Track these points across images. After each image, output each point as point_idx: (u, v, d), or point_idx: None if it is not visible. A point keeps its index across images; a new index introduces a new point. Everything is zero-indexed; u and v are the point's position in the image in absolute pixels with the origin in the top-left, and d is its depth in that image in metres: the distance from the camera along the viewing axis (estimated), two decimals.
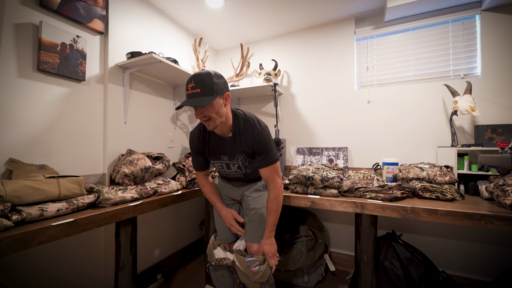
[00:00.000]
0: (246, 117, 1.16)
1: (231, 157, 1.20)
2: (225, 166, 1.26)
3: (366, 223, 1.32)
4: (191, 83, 1.01)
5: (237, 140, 1.15)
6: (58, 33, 1.31)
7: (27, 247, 0.85)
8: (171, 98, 2.10)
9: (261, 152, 1.14)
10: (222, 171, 1.30)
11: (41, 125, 1.28)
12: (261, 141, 1.12)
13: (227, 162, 1.23)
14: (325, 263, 1.87)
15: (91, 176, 1.49)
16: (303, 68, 2.31)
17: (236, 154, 1.19)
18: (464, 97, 1.60)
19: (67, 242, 1.38)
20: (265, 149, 1.13)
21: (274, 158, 1.16)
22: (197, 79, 1.00)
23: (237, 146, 1.16)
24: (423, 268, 1.45)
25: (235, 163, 1.22)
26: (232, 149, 1.18)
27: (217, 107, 1.04)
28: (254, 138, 1.12)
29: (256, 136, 1.12)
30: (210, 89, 1.00)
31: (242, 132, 1.14)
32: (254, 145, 1.13)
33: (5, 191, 0.95)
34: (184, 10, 2.01)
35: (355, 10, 2.02)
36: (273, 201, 1.17)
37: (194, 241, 2.35)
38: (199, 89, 1.00)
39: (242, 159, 1.20)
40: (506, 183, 1.14)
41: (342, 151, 2.07)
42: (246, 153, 1.17)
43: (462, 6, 1.78)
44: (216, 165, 1.29)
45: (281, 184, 1.20)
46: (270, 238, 1.19)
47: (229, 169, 1.26)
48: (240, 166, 1.23)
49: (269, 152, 1.14)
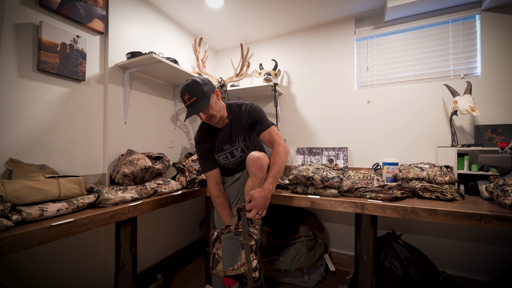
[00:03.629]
0: (237, 103, 1.35)
1: (233, 143, 1.33)
2: (229, 155, 1.35)
3: (366, 223, 1.32)
4: (186, 95, 1.15)
5: (234, 122, 1.32)
6: (58, 33, 1.31)
7: (27, 247, 0.85)
8: (171, 98, 2.10)
9: (256, 121, 1.29)
10: (227, 162, 1.37)
11: (41, 125, 1.28)
12: (253, 111, 1.29)
13: (230, 150, 1.34)
14: (325, 263, 1.87)
15: (91, 176, 1.49)
16: (303, 68, 2.31)
17: (237, 137, 1.32)
18: (464, 97, 1.60)
19: (67, 242, 1.38)
20: (259, 117, 1.29)
21: (270, 123, 1.32)
22: (189, 90, 1.14)
23: (235, 127, 1.32)
24: (423, 268, 1.45)
25: (238, 147, 1.33)
26: (230, 134, 1.32)
27: (214, 104, 1.21)
28: (247, 112, 1.29)
29: (248, 109, 1.29)
30: (203, 93, 1.15)
31: (236, 115, 1.31)
32: (249, 118, 1.29)
33: (5, 191, 0.95)
34: (184, 10, 2.01)
35: (355, 10, 2.02)
36: (276, 155, 1.22)
37: (194, 241, 2.35)
38: (194, 97, 1.14)
39: (242, 139, 1.33)
40: (506, 183, 1.14)
41: (342, 151, 2.07)
42: (244, 130, 1.32)
43: (462, 6, 1.78)
44: (221, 158, 1.36)
45: (284, 145, 1.27)
46: (266, 189, 1.13)
47: (234, 156, 1.35)
48: (242, 148, 1.34)
49: (264, 119, 1.30)
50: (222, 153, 1.34)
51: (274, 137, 1.27)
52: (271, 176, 1.18)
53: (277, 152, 1.23)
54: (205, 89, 1.16)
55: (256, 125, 1.29)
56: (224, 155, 1.35)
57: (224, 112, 1.29)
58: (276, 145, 1.25)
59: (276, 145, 1.25)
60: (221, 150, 1.34)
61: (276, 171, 1.19)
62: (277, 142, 1.26)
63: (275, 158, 1.22)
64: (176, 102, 2.13)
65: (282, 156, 1.23)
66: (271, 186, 1.15)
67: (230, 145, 1.33)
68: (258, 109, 1.30)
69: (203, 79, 1.20)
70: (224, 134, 1.32)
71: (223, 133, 1.32)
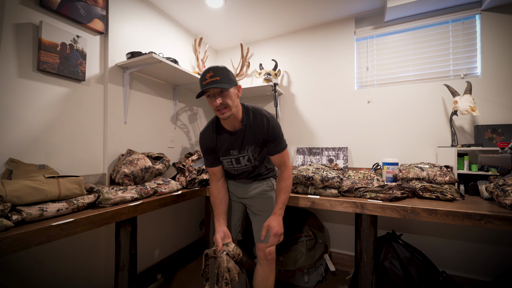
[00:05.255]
0: (254, 108, 1.21)
1: (241, 150, 1.23)
2: (234, 161, 1.27)
3: (366, 223, 1.32)
4: (210, 73, 1.05)
5: (248, 131, 1.19)
6: (58, 33, 1.30)
7: (27, 247, 0.85)
8: (171, 98, 2.10)
9: (273, 140, 1.19)
10: (230, 167, 1.30)
11: (41, 125, 1.28)
12: (273, 130, 1.18)
13: (236, 156, 1.25)
14: (325, 263, 1.86)
15: (91, 176, 1.49)
16: (303, 68, 2.31)
17: (246, 146, 1.22)
18: (464, 97, 1.60)
19: (67, 242, 1.38)
20: (277, 137, 1.19)
21: (285, 144, 1.24)
22: (215, 69, 1.05)
23: (247, 137, 1.20)
24: (423, 268, 1.45)
25: (245, 155, 1.24)
26: (242, 141, 1.21)
27: (233, 96, 1.10)
28: (265, 127, 1.17)
29: (266, 125, 1.17)
30: (228, 78, 1.07)
31: (252, 123, 1.18)
32: (267, 134, 1.18)
33: (5, 191, 0.95)
34: (184, 10, 2.01)
35: (355, 10, 2.02)
36: (285, 181, 1.22)
37: (194, 241, 2.35)
38: (218, 77, 1.04)
39: (252, 150, 1.23)
40: (506, 183, 1.14)
41: (342, 151, 2.07)
42: (257, 143, 1.21)
43: (462, 6, 1.78)
44: (225, 162, 1.29)
45: (291, 168, 1.25)
46: (279, 216, 1.21)
47: (239, 163, 1.27)
48: (250, 158, 1.25)
49: (281, 139, 1.21)
50: (227, 157, 1.27)
51: (286, 160, 1.24)
52: (282, 203, 1.21)
53: (287, 176, 1.23)
54: (231, 77, 1.09)
55: (271, 144, 1.20)
56: (229, 159, 1.27)
57: (238, 113, 1.17)
58: (287, 169, 1.24)
59: (287, 169, 1.24)
60: (227, 154, 1.26)
61: (286, 197, 1.22)
62: (288, 166, 1.24)
63: (286, 183, 1.22)
64: (176, 102, 2.13)
65: (290, 181, 1.24)
66: (282, 211, 1.22)
67: (238, 151, 1.24)
68: (278, 127, 1.20)
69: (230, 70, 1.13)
70: (234, 139, 1.21)
71: (234, 138, 1.21)
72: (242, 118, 1.18)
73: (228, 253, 1.14)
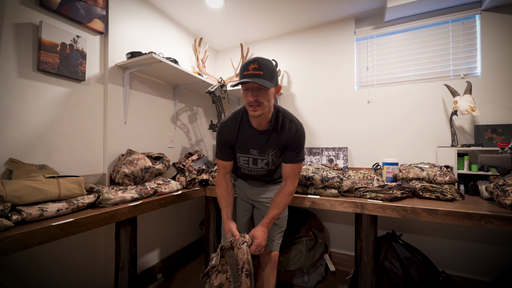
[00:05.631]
0: (285, 112, 1.16)
1: (261, 152, 1.17)
2: (251, 161, 1.21)
3: (366, 223, 1.32)
4: (254, 64, 0.98)
5: (274, 134, 1.14)
6: (58, 33, 1.30)
7: (27, 247, 0.85)
8: (171, 98, 2.10)
9: (294, 148, 1.13)
10: (245, 166, 1.25)
11: (41, 125, 1.28)
12: (299, 138, 1.13)
13: (255, 157, 1.19)
14: (325, 263, 1.87)
15: (91, 176, 1.49)
16: (303, 68, 2.31)
17: (268, 149, 1.16)
18: (464, 97, 1.60)
19: (67, 242, 1.38)
20: (299, 146, 1.14)
21: (303, 157, 1.18)
22: (261, 62, 0.98)
23: (272, 140, 1.14)
24: (423, 268, 1.45)
25: (264, 159, 1.19)
26: (265, 143, 1.15)
27: (270, 95, 1.03)
28: (292, 133, 1.12)
29: (294, 131, 1.12)
30: (271, 76, 1.00)
31: (281, 127, 1.13)
32: (291, 141, 1.12)
33: (5, 191, 0.95)
34: (184, 10, 2.01)
35: (355, 10, 2.02)
36: (286, 197, 1.17)
37: (194, 241, 2.35)
38: (261, 71, 0.97)
39: (274, 155, 1.18)
40: (506, 183, 1.14)
41: (342, 151, 2.07)
42: (280, 148, 1.16)
43: (462, 6, 1.78)
44: (241, 159, 1.23)
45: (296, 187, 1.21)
46: (265, 228, 1.17)
47: (255, 164, 1.22)
48: (268, 162, 1.20)
49: (301, 150, 1.16)
50: (245, 155, 1.20)
51: (295, 175, 1.18)
52: (271, 217, 1.17)
53: (288, 193, 1.17)
54: (275, 75, 1.02)
55: (291, 152, 1.14)
56: (246, 158, 1.21)
57: (269, 114, 1.10)
58: (292, 185, 1.18)
59: (292, 185, 1.18)
60: (246, 151, 1.19)
61: (278, 213, 1.18)
62: (295, 182, 1.18)
63: (285, 199, 1.17)
64: (176, 102, 2.13)
65: (289, 200, 1.19)
66: (270, 225, 1.19)
67: (259, 153, 1.18)
68: (303, 138, 1.15)
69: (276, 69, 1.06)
70: (258, 139, 1.15)
71: (258, 138, 1.15)
72: (271, 119, 1.12)
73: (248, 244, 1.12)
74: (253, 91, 1.00)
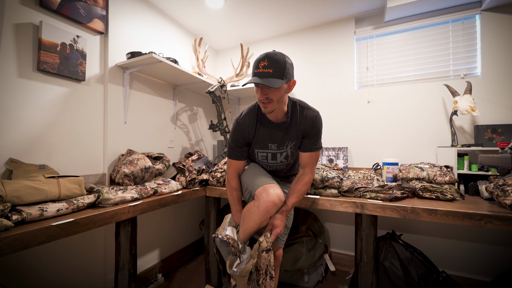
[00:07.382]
0: (302, 102, 1.17)
1: (280, 145, 1.18)
2: (270, 156, 1.21)
3: (366, 223, 1.32)
4: (264, 62, 0.97)
5: (292, 125, 1.14)
6: (58, 33, 1.30)
7: (27, 247, 0.85)
8: (171, 98, 2.10)
9: (313, 135, 1.15)
10: (264, 162, 1.25)
11: (41, 125, 1.28)
12: (318, 125, 1.14)
13: (274, 151, 1.19)
14: (325, 263, 1.86)
15: (91, 176, 1.49)
16: (303, 68, 2.31)
17: (287, 141, 1.17)
18: (464, 97, 1.60)
19: (67, 242, 1.38)
20: (318, 133, 1.15)
21: (321, 145, 1.19)
22: (272, 59, 0.97)
23: (291, 131, 1.14)
24: (423, 268, 1.45)
25: (283, 152, 1.19)
26: (284, 135, 1.15)
27: (282, 92, 1.03)
28: (311, 120, 1.13)
29: (313, 119, 1.13)
30: (281, 72, 0.98)
31: (299, 116, 1.13)
32: (310, 128, 1.13)
33: (5, 191, 0.95)
34: (184, 10, 2.01)
35: (355, 10, 2.02)
36: (304, 185, 1.17)
37: (194, 241, 2.35)
38: (271, 69, 0.96)
39: (292, 147, 1.18)
40: (506, 183, 1.14)
41: (342, 151, 2.07)
42: (298, 137, 1.16)
43: (462, 6, 1.78)
44: (260, 155, 1.23)
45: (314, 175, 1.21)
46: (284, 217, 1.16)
47: (274, 159, 1.22)
48: (287, 155, 1.20)
49: (320, 138, 1.17)
50: (264, 151, 1.19)
51: (314, 163, 1.18)
52: (291, 204, 1.16)
53: (307, 181, 1.18)
54: (287, 71, 0.99)
55: (310, 139, 1.15)
56: (265, 153, 1.20)
57: (284, 107, 1.10)
58: (310, 173, 1.18)
59: (310, 173, 1.18)
60: (265, 147, 1.18)
61: (297, 201, 1.17)
62: (313, 170, 1.19)
63: (303, 187, 1.17)
64: (176, 102, 2.13)
65: (308, 188, 1.19)
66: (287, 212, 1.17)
67: (277, 147, 1.17)
68: (321, 125, 1.16)
69: (290, 61, 1.03)
70: (276, 132, 1.15)
71: (275, 130, 1.15)
72: (287, 111, 1.12)
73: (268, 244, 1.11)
74: (263, 89, 1.01)
